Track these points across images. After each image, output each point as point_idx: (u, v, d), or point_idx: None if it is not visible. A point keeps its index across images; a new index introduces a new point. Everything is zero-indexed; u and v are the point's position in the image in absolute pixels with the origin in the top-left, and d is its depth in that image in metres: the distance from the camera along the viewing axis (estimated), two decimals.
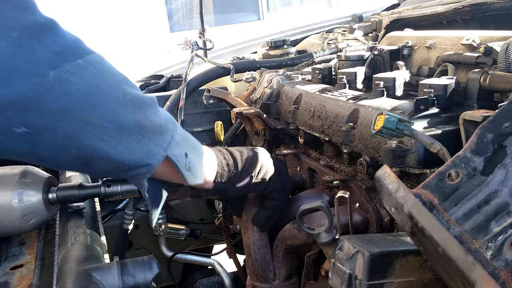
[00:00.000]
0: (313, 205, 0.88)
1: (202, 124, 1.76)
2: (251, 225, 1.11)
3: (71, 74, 0.63)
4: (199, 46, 1.71)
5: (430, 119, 0.88)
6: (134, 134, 0.71)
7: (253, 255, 1.10)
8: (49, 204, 0.97)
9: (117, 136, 0.69)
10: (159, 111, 0.78)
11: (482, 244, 0.54)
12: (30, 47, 0.60)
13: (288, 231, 1.06)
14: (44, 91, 0.61)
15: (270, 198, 1.06)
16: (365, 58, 1.35)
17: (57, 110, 0.63)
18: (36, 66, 0.60)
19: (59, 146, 0.66)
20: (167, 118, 0.79)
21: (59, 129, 0.64)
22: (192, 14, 6.58)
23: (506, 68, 0.94)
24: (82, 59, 0.65)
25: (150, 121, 0.74)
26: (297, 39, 2.20)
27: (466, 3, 1.39)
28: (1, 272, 0.88)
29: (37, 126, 0.62)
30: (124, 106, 0.70)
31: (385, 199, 0.61)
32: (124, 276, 0.77)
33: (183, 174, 0.81)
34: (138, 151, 0.73)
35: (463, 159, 0.57)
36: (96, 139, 0.67)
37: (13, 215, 0.91)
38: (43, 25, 0.62)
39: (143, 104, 0.73)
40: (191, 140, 0.86)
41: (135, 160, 0.73)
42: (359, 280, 0.64)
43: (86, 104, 0.65)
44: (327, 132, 1.10)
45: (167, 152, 0.76)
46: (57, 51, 0.62)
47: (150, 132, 0.74)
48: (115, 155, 0.70)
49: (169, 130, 0.78)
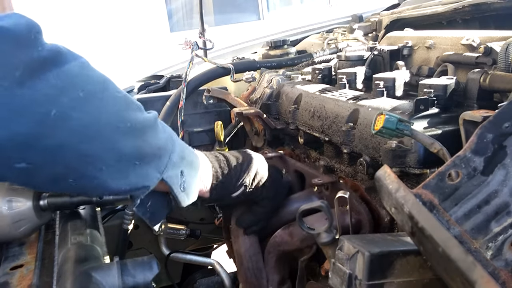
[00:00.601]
0: (313, 205, 0.88)
1: (202, 124, 1.75)
2: (241, 233, 1.10)
3: (72, 109, 0.62)
4: (199, 46, 1.71)
5: (430, 119, 0.88)
6: (132, 161, 0.71)
7: (245, 263, 1.09)
8: (39, 211, 0.96)
9: (116, 166, 0.69)
10: (159, 131, 0.77)
11: (482, 244, 0.54)
12: (32, 85, 0.58)
13: (280, 237, 1.05)
14: (45, 129, 0.60)
15: (259, 204, 1.06)
16: (365, 58, 1.35)
17: (58, 145, 0.62)
18: (38, 104, 0.59)
19: (57, 176, 0.66)
20: (166, 137, 0.78)
21: (59, 162, 0.63)
22: (192, 14, 6.58)
23: (506, 68, 0.94)
24: (84, 91, 0.64)
25: (149, 145, 0.73)
26: (297, 39, 2.20)
27: (466, 3, 1.39)
28: (1, 272, 0.88)
29: (37, 161, 0.62)
30: (124, 135, 0.69)
31: (385, 199, 0.61)
32: (124, 276, 0.77)
33: (176, 197, 0.81)
34: (135, 177, 0.72)
35: (463, 159, 0.57)
36: (95, 170, 0.67)
37: (2, 222, 0.90)
38: (45, 60, 0.60)
39: (143, 129, 0.72)
40: (187, 156, 0.85)
41: (131, 185, 0.73)
42: (359, 280, 0.64)
43: (87, 138, 0.64)
44: (327, 132, 1.10)
45: (163, 174, 0.76)
46: (59, 86, 0.61)
47: (148, 157, 0.73)
48: (112, 183, 0.70)
49: (167, 152, 0.77)
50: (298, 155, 1.29)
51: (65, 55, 0.63)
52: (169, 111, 1.55)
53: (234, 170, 0.97)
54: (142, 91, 1.99)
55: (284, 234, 1.04)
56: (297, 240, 1.01)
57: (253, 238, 1.11)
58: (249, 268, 1.08)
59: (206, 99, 1.52)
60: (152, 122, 0.75)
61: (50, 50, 0.61)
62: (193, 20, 6.43)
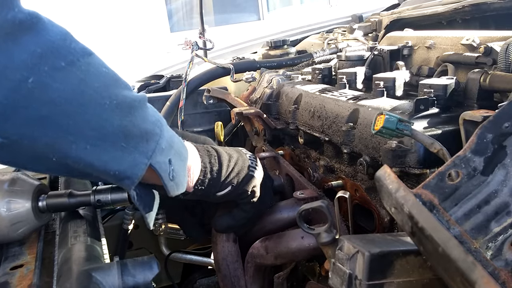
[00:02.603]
0: (313, 205, 0.88)
1: (202, 124, 1.76)
2: (220, 239, 1.06)
3: (53, 79, 0.57)
4: (199, 46, 1.71)
5: (430, 119, 0.88)
6: (119, 142, 0.66)
7: (222, 270, 1.06)
8: (38, 212, 0.96)
9: (101, 145, 0.64)
10: (147, 113, 0.72)
11: (482, 244, 0.54)
12: (6, 48, 0.54)
13: (257, 250, 1.03)
14: (22, 98, 0.55)
15: (241, 208, 1.01)
16: (365, 58, 1.35)
17: (37, 119, 0.57)
18: (13, 70, 0.54)
19: (39, 155, 0.62)
20: (154, 121, 0.74)
21: (39, 139, 0.59)
22: (192, 14, 6.58)
23: (506, 68, 0.94)
24: (66, 60, 0.59)
25: (136, 127, 0.68)
26: (297, 39, 2.20)
27: (466, 3, 1.39)
28: (1, 272, 0.88)
29: (14, 136, 0.58)
30: (111, 112, 0.64)
31: (385, 199, 0.61)
32: (124, 276, 0.77)
33: (166, 185, 0.76)
34: (122, 160, 0.68)
35: (463, 159, 0.57)
36: (79, 148, 0.62)
37: (1, 224, 0.90)
38: (22, 23, 0.55)
39: (131, 108, 0.68)
40: (176, 144, 0.80)
41: (120, 171, 0.68)
42: (359, 280, 0.63)
43: (69, 112, 0.59)
44: (327, 132, 1.10)
45: (151, 160, 0.71)
46: (37, 53, 0.56)
47: (135, 139, 0.68)
48: (98, 164, 0.66)
49: (155, 136, 0.72)
50: (298, 155, 1.29)
51: (45, 23, 0.59)
52: (169, 111, 1.55)
53: (224, 168, 0.93)
54: (142, 91, 1.99)
55: (260, 247, 1.02)
56: (272, 256, 0.99)
57: (233, 246, 1.07)
58: (226, 275, 1.05)
59: (206, 99, 1.52)
60: (140, 103, 0.70)
61: (28, 14, 0.57)
62: (193, 20, 6.43)
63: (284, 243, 0.96)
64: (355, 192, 1.00)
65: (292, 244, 0.95)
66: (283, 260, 1.01)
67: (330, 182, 1.06)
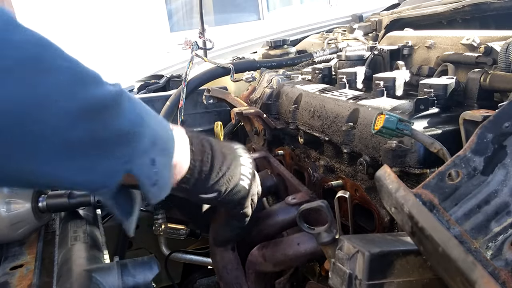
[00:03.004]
0: (313, 205, 0.88)
1: (202, 124, 1.76)
2: (218, 250, 1.04)
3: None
4: (199, 46, 1.71)
5: (430, 119, 0.88)
6: (87, 150, 0.56)
7: (224, 278, 1.05)
8: (38, 212, 0.96)
9: (67, 158, 0.55)
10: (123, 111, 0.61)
11: (482, 244, 0.54)
12: None
13: (255, 258, 1.03)
14: None
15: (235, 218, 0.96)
16: (365, 58, 1.35)
17: None
18: None
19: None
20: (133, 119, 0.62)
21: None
22: (192, 14, 6.58)
23: (506, 68, 0.94)
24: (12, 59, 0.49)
25: (108, 130, 0.58)
26: (297, 39, 2.20)
27: (466, 3, 1.39)
28: (1, 272, 0.88)
29: None
30: (75, 116, 0.53)
31: (385, 199, 0.61)
32: (124, 276, 0.77)
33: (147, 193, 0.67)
34: (95, 169, 0.58)
35: (463, 159, 0.57)
36: (40, 163, 0.53)
37: (1, 224, 0.90)
38: None
39: (101, 109, 0.57)
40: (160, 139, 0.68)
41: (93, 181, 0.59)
42: (359, 280, 0.63)
43: (21, 118, 0.49)
44: (327, 132, 1.10)
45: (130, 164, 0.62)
46: None
47: (109, 144, 0.59)
48: (67, 178, 0.57)
49: (134, 136, 0.62)
50: (298, 155, 1.29)
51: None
52: (169, 111, 1.55)
53: (214, 171, 0.83)
54: (142, 91, 2.00)
55: (258, 255, 1.01)
56: (270, 264, 0.99)
57: (231, 254, 1.05)
58: (228, 283, 1.05)
59: (206, 99, 1.52)
60: (111, 100, 0.58)
61: None
62: (193, 20, 6.43)
63: (281, 250, 0.97)
64: (355, 192, 1.00)
65: (289, 251, 0.96)
66: (282, 267, 1.02)
67: (330, 182, 1.06)
